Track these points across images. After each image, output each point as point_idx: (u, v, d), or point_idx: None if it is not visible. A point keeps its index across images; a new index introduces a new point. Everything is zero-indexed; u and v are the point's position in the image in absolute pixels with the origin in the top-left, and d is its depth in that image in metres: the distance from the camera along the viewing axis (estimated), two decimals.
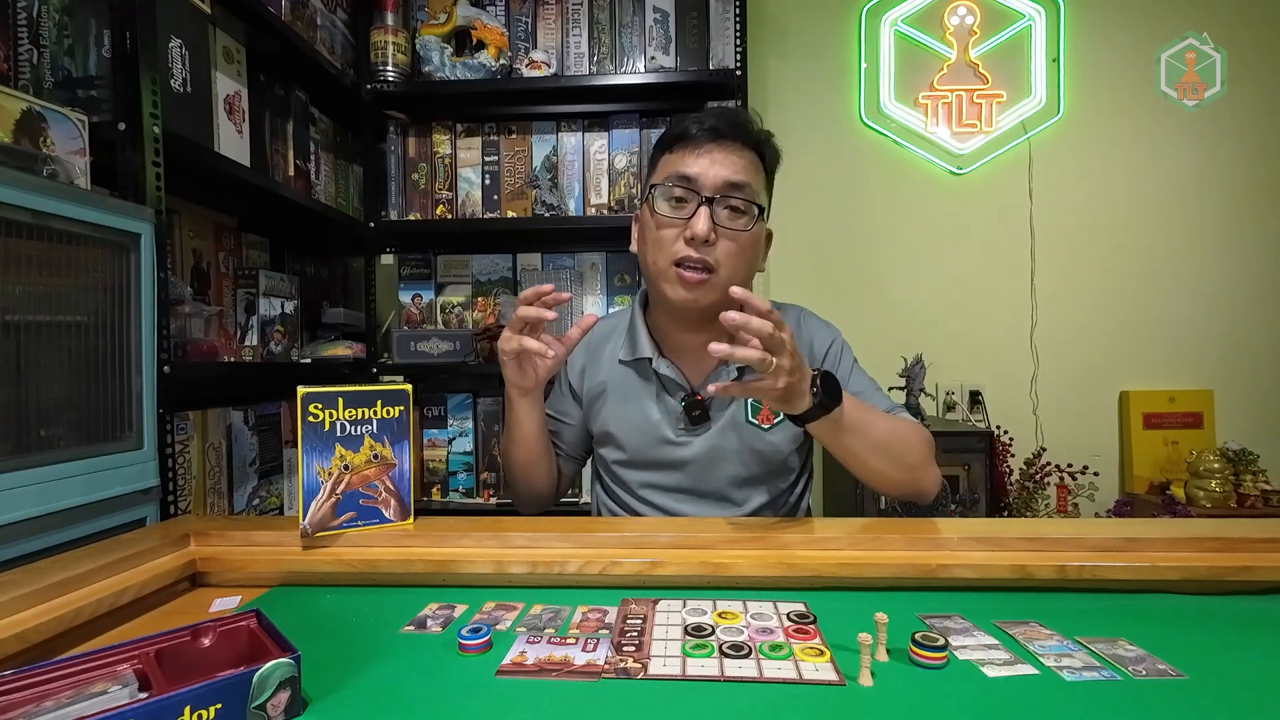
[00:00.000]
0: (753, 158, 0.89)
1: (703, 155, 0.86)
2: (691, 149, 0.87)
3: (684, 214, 0.86)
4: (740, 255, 0.88)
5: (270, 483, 1.54)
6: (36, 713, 0.43)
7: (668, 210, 0.88)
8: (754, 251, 0.91)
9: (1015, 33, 2.16)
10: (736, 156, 0.87)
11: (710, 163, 0.86)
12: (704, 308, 0.89)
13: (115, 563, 0.66)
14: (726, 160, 0.86)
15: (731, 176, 0.85)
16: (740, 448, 0.96)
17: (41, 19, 1.07)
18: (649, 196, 0.90)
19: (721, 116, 0.89)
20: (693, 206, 0.86)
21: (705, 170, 0.86)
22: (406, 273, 2.07)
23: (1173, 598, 0.68)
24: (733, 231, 0.86)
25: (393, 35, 1.87)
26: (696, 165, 0.86)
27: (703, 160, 0.86)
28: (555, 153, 1.97)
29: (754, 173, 0.88)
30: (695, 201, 0.85)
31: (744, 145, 0.88)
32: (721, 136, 0.87)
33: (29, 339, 0.87)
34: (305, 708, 0.49)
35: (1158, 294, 2.14)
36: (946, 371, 2.15)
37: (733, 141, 0.87)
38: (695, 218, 0.85)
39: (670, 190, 0.87)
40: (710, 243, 0.85)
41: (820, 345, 1.00)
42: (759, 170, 0.90)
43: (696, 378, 0.97)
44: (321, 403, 0.73)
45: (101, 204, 0.96)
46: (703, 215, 0.84)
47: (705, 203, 0.85)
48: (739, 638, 0.59)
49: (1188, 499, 1.90)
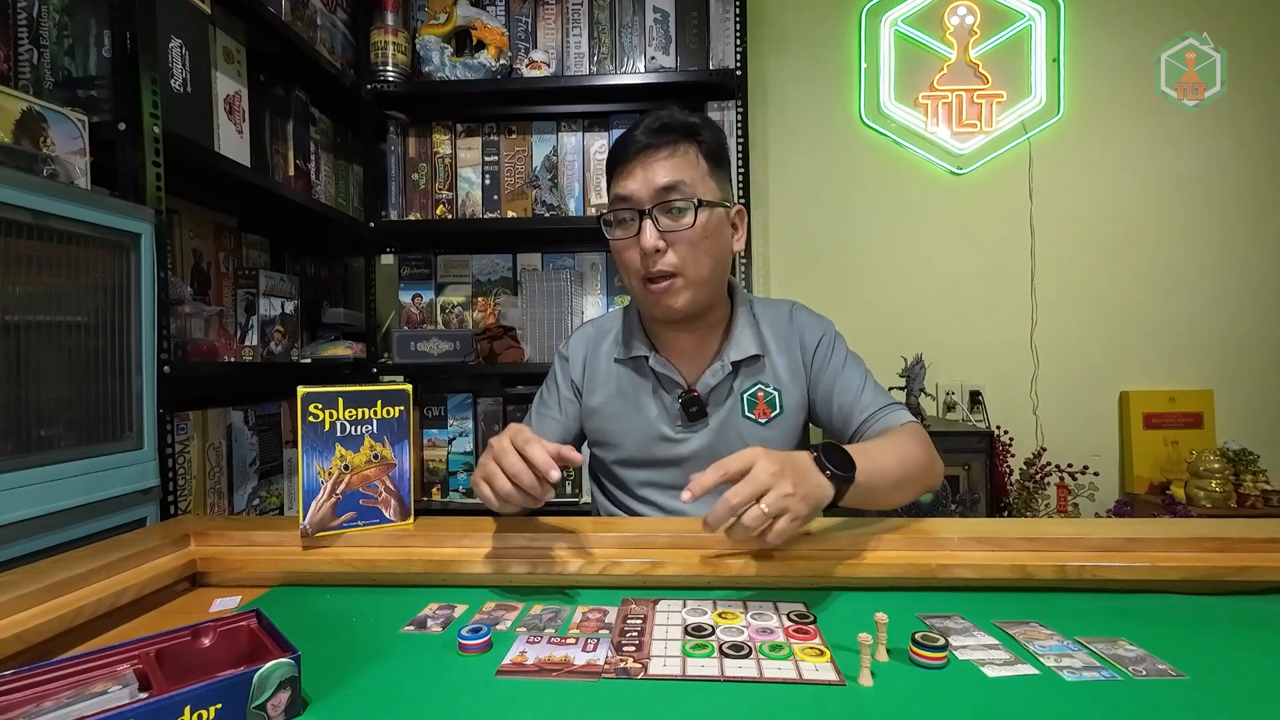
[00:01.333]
0: (683, 151, 0.89)
1: (634, 172, 0.89)
2: (624, 169, 0.90)
3: (633, 232, 0.89)
4: (699, 249, 0.89)
5: (270, 483, 1.54)
6: (36, 713, 0.43)
7: (619, 234, 0.91)
8: (714, 241, 0.91)
9: (1015, 33, 2.16)
10: (664, 160, 0.88)
11: (640, 176, 0.88)
12: (682, 309, 0.91)
13: (115, 563, 0.66)
14: (654, 169, 0.88)
15: (661, 181, 0.87)
16: (738, 444, 0.96)
17: (41, 19, 1.07)
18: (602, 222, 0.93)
19: (645, 128, 0.90)
20: (637, 223, 0.88)
21: (638, 186, 0.88)
22: (406, 273, 2.07)
23: (1173, 598, 0.68)
24: (679, 231, 0.88)
25: (393, 35, 1.87)
26: (629, 184, 0.89)
27: (633, 177, 0.88)
28: (555, 153, 1.97)
29: (686, 168, 0.89)
30: (636, 218, 0.88)
31: (671, 146, 0.88)
32: (645, 148, 0.88)
33: (29, 339, 0.87)
34: (305, 708, 0.49)
35: (1158, 294, 2.14)
36: (946, 371, 2.15)
37: (657, 148, 0.88)
38: (641, 231, 0.87)
39: (616, 215, 0.91)
40: (662, 250, 0.88)
41: (811, 338, 1.00)
42: (694, 161, 0.90)
43: (691, 375, 0.98)
44: (321, 403, 0.73)
45: (101, 204, 0.96)
46: (647, 229, 0.87)
47: (645, 215, 0.87)
48: (739, 638, 0.59)
49: (1188, 499, 1.90)
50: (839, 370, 0.98)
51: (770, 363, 0.98)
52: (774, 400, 0.97)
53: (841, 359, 0.99)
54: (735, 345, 0.96)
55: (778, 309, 1.03)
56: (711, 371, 0.96)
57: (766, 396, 0.97)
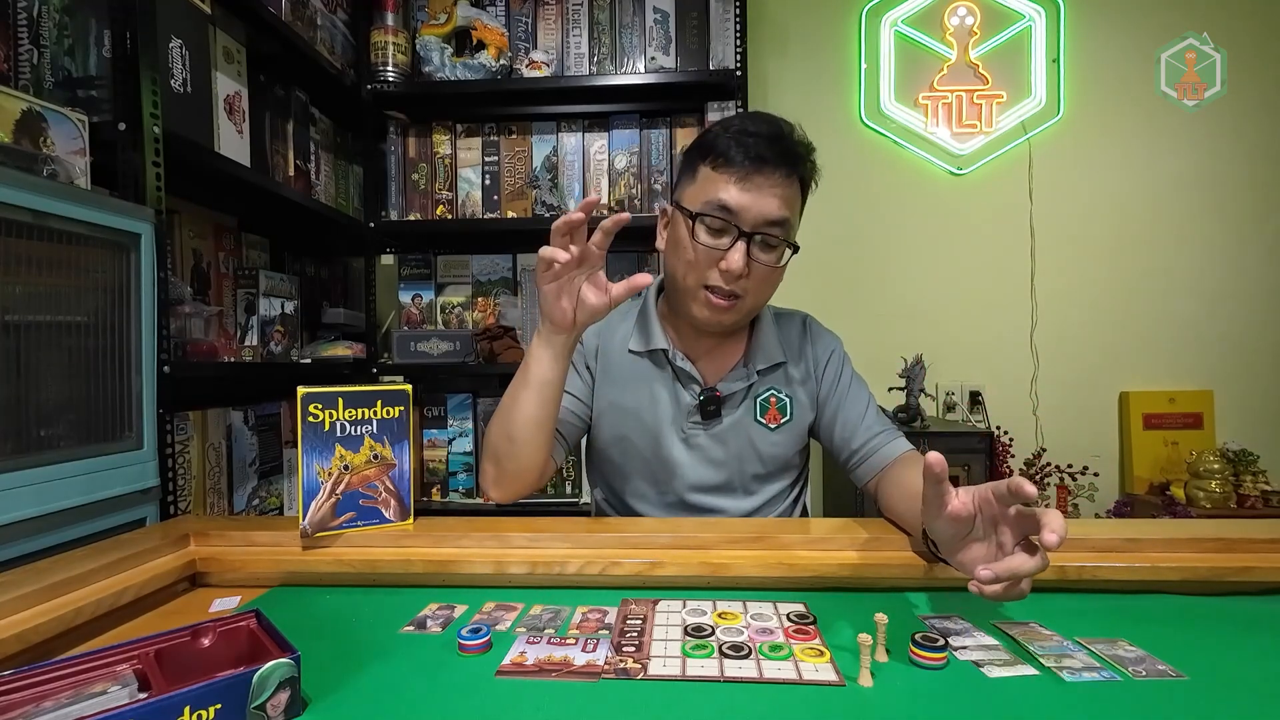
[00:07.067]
0: (794, 185, 0.87)
1: (746, 187, 0.84)
2: (735, 176, 0.84)
3: (720, 244, 0.85)
4: (768, 283, 0.90)
5: (270, 483, 1.54)
6: (36, 713, 0.43)
7: (705, 237, 0.86)
8: (779, 274, 0.91)
9: (1015, 33, 2.16)
10: (779, 188, 0.85)
11: (753, 197, 0.84)
12: (728, 326, 0.92)
13: (115, 563, 0.66)
14: (769, 194, 0.84)
15: (771, 214, 0.84)
16: (746, 446, 0.97)
17: (41, 19, 1.07)
18: (686, 211, 0.88)
19: (767, 141, 0.85)
20: (729, 239, 0.85)
21: (747, 205, 0.84)
22: (406, 273, 2.07)
23: (1173, 598, 0.68)
24: (764, 264, 0.87)
25: (393, 35, 1.87)
26: (739, 198, 0.84)
27: (746, 194, 0.84)
28: (555, 153, 1.97)
29: (792, 203, 0.87)
30: (733, 235, 0.85)
31: (788, 170, 0.85)
32: (765, 164, 0.84)
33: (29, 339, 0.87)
34: (305, 708, 0.49)
35: (1158, 294, 2.14)
36: (946, 371, 2.15)
37: (775, 169, 0.84)
38: (732, 251, 0.84)
39: (710, 221, 0.85)
40: (744, 276, 0.86)
41: (822, 352, 1.01)
42: (797, 197, 0.88)
43: (708, 373, 0.98)
44: (321, 403, 0.73)
45: (101, 204, 0.96)
46: (739, 251, 0.84)
47: (743, 237, 0.84)
48: (739, 638, 0.59)
49: (1188, 499, 1.90)
50: (846, 388, 0.99)
51: (785, 370, 0.99)
52: (785, 407, 0.98)
53: (849, 377, 1.01)
54: (762, 352, 0.97)
55: (791, 319, 1.05)
56: (735, 375, 0.97)
57: (779, 402, 0.98)
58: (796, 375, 1.00)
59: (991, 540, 0.58)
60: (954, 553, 0.61)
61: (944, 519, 0.58)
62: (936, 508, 0.59)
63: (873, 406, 0.99)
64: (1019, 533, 0.56)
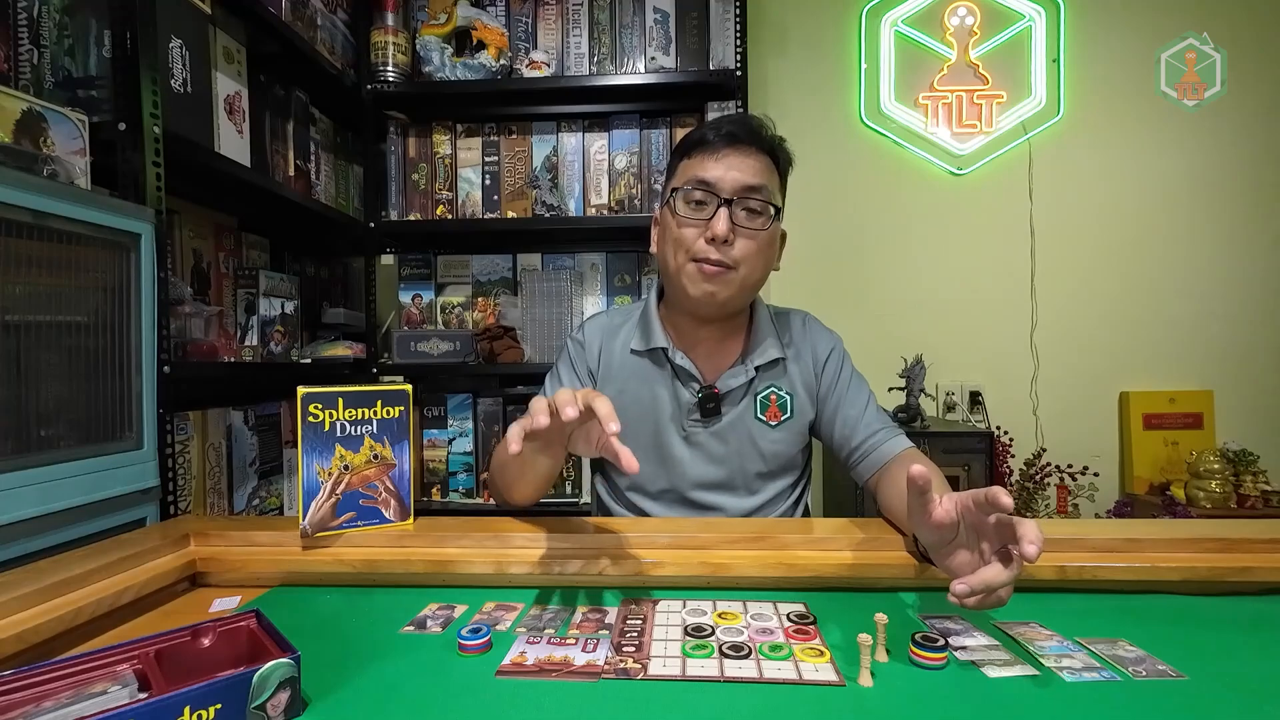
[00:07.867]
0: (767, 161, 0.92)
1: (720, 160, 0.89)
2: (709, 154, 0.90)
3: (704, 215, 0.89)
4: (758, 254, 0.91)
5: (270, 483, 1.54)
6: (36, 713, 0.43)
7: (688, 212, 0.90)
8: (770, 250, 0.94)
9: (1015, 33, 2.16)
10: (752, 160, 0.90)
11: (727, 167, 0.89)
12: (721, 302, 0.91)
13: (115, 563, 0.66)
14: (743, 164, 0.89)
15: (748, 179, 0.88)
16: (746, 443, 0.98)
17: (41, 19, 1.07)
18: (669, 200, 0.93)
19: (737, 122, 0.92)
20: (712, 208, 0.89)
21: (723, 174, 0.88)
22: (406, 273, 2.07)
23: (1173, 598, 0.68)
24: (751, 230, 0.89)
25: (393, 35, 1.87)
26: (715, 169, 0.89)
27: (720, 164, 0.89)
28: (555, 153, 1.96)
29: (769, 175, 0.91)
30: (714, 204, 0.88)
31: (759, 149, 0.91)
32: (737, 141, 0.90)
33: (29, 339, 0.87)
34: (305, 708, 0.49)
35: (1158, 294, 2.14)
36: (946, 371, 2.15)
37: (748, 146, 0.90)
38: (715, 219, 0.88)
39: (690, 194, 0.90)
40: (729, 242, 0.88)
41: (822, 350, 1.02)
42: (773, 173, 0.92)
43: (708, 372, 0.98)
44: (321, 403, 0.73)
45: (101, 204, 0.96)
46: (722, 216, 0.87)
47: (724, 204, 0.88)
48: (739, 638, 0.59)
49: (1188, 499, 1.90)
50: (846, 385, 1.00)
51: (785, 368, 1.00)
52: (785, 404, 0.99)
53: (849, 375, 1.01)
54: (760, 349, 0.98)
55: (791, 317, 1.05)
56: (733, 372, 0.97)
57: (779, 400, 0.99)
58: (797, 372, 1.00)
59: (976, 547, 0.59)
60: (942, 559, 0.62)
61: (928, 527, 0.60)
62: (921, 516, 0.60)
63: (873, 404, 0.99)
64: (998, 542, 0.57)
